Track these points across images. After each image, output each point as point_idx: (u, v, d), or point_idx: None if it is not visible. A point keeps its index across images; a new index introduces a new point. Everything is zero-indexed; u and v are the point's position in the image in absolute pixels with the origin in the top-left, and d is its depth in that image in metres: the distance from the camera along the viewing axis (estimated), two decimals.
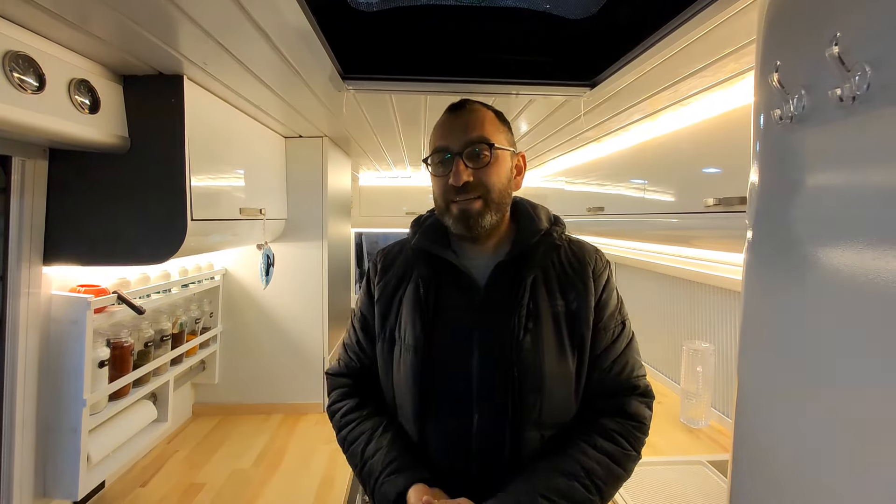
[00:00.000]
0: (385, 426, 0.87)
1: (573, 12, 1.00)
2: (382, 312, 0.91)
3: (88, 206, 1.05)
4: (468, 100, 0.89)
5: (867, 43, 0.44)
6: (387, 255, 0.97)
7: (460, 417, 0.81)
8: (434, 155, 0.86)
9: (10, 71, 0.75)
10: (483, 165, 0.82)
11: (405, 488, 0.77)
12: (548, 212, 0.93)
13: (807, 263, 0.51)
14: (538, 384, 0.79)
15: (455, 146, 0.82)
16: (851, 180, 0.47)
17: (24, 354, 1.02)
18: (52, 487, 1.09)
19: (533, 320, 0.81)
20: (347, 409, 0.91)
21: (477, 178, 0.82)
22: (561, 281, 0.86)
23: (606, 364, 0.85)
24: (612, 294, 0.88)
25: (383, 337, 0.90)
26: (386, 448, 0.83)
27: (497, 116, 0.88)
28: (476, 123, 0.84)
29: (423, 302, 0.85)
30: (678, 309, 2.05)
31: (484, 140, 0.82)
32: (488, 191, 0.82)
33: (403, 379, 0.84)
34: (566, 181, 2.42)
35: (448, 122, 0.86)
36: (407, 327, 0.86)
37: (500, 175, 0.84)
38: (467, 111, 0.86)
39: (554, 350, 0.81)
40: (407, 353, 0.84)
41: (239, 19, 0.79)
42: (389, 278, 0.93)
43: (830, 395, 0.47)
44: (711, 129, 1.23)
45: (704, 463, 1.44)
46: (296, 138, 1.87)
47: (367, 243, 5.46)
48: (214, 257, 1.83)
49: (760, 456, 0.58)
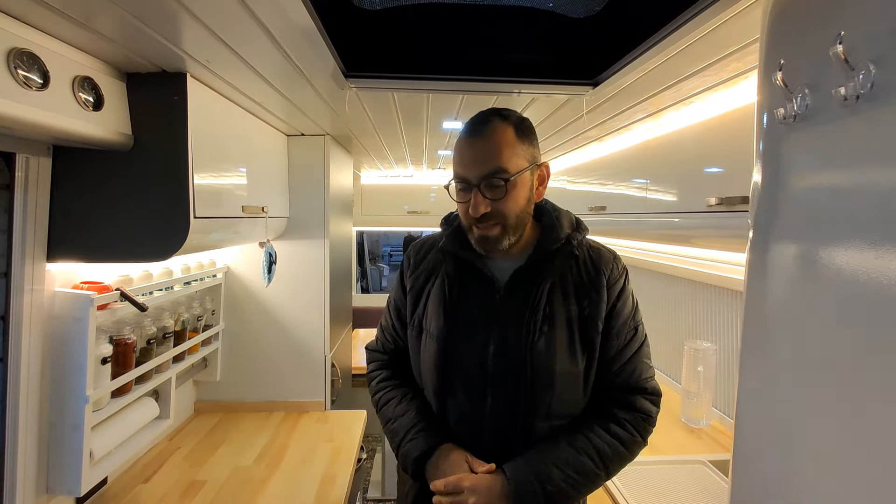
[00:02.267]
0: (413, 395, 0.99)
1: (576, 11, 1.00)
2: (413, 302, 1.00)
3: (91, 203, 1.06)
4: (487, 117, 0.88)
5: (871, 41, 0.44)
6: (419, 251, 1.05)
7: (475, 398, 0.90)
8: (454, 182, 0.90)
9: (14, 68, 0.75)
10: (500, 197, 0.85)
11: (427, 448, 0.89)
12: (570, 217, 0.98)
13: (809, 263, 0.51)
14: (549, 382, 0.87)
15: (473, 178, 0.85)
16: (854, 179, 0.47)
17: (27, 351, 1.03)
18: (54, 484, 1.09)
19: (548, 323, 0.88)
20: (383, 378, 1.05)
21: (495, 208, 0.86)
22: (577, 287, 0.91)
23: (616, 367, 0.91)
24: (627, 301, 0.94)
25: (413, 324, 0.99)
26: (413, 412, 0.95)
27: (516, 130, 0.87)
28: (493, 152, 0.85)
29: (447, 297, 0.93)
30: (680, 308, 2.04)
31: (500, 173, 0.84)
32: (506, 218, 0.87)
33: (427, 362, 0.95)
34: (568, 180, 2.42)
35: (466, 150, 0.88)
36: (432, 318, 0.94)
37: (518, 200, 0.88)
38: (485, 138, 0.86)
39: (565, 352, 0.88)
40: (431, 340, 0.94)
41: (243, 17, 0.79)
42: (420, 272, 1.01)
43: (832, 395, 0.48)
44: (714, 129, 1.23)
45: (705, 463, 1.44)
46: (298, 136, 1.87)
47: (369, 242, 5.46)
48: (217, 255, 1.83)
49: (761, 456, 0.58)
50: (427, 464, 0.89)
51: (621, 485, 1.33)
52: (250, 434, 1.70)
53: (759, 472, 0.58)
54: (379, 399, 1.02)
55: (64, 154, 1.04)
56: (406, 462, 0.91)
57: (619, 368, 0.91)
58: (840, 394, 0.46)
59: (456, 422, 0.92)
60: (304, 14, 0.78)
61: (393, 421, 0.96)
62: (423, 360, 0.96)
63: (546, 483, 0.82)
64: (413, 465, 0.90)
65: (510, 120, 0.88)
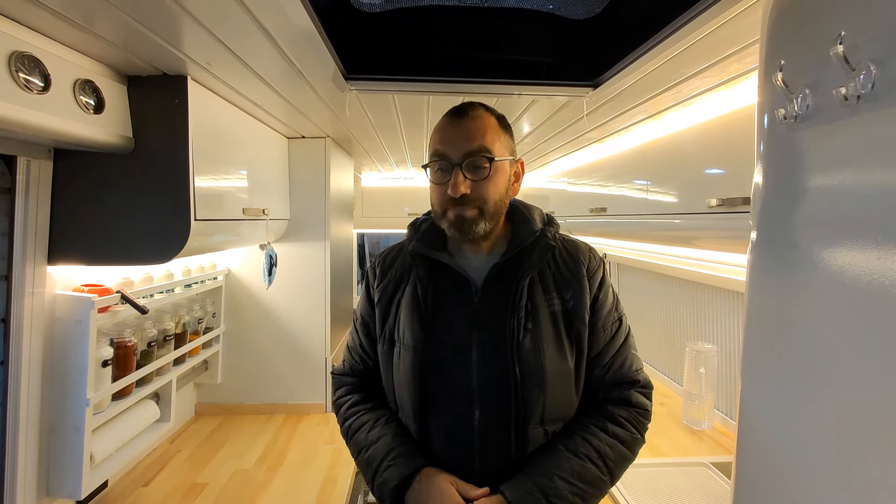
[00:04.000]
0: (388, 417, 0.89)
1: (576, 12, 1.00)
2: (382, 314, 0.92)
3: (93, 205, 1.06)
4: (471, 104, 0.87)
5: (872, 42, 0.44)
6: (385, 259, 0.98)
7: (461, 414, 0.82)
8: (433, 161, 0.85)
9: (15, 71, 0.76)
10: (482, 178, 0.82)
11: (407, 474, 0.79)
12: (541, 212, 0.94)
13: (811, 264, 0.51)
14: (540, 382, 0.81)
15: (455, 156, 0.81)
16: (856, 180, 0.46)
17: (28, 353, 1.03)
18: (55, 487, 1.09)
19: (532, 320, 0.83)
20: (352, 403, 0.94)
21: (475, 191, 0.81)
22: (557, 280, 0.87)
23: (606, 360, 0.87)
24: (608, 291, 0.90)
25: (384, 338, 0.91)
26: (389, 437, 0.85)
27: (499, 122, 0.87)
28: (477, 132, 0.82)
29: (420, 302, 0.86)
30: (681, 310, 2.04)
31: (484, 151, 0.81)
32: (485, 202, 0.82)
33: (403, 377, 0.86)
34: (568, 182, 2.42)
35: (449, 128, 0.84)
36: (406, 328, 0.87)
37: (499, 186, 0.84)
38: (469, 118, 0.84)
39: (553, 348, 0.83)
40: (406, 351, 0.86)
41: (243, 20, 0.79)
42: (388, 281, 0.94)
43: (835, 396, 0.47)
44: (714, 130, 1.22)
45: (707, 465, 1.43)
46: (299, 139, 1.88)
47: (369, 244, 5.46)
48: (217, 257, 1.83)
49: (764, 458, 0.58)
50: (407, 494, 0.78)
51: (623, 487, 1.32)
52: (251, 436, 1.70)
53: (761, 474, 0.58)
54: (349, 426, 0.90)
55: (65, 157, 1.04)
56: (383, 494, 0.80)
57: (609, 362, 0.86)
58: (843, 395, 0.46)
59: (442, 443, 0.83)
60: (305, 16, 0.79)
61: (366, 449, 0.85)
62: (397, 376, 0.87)
63: (552, 497, 0.75)
64: (391, 497, 0.79)
65: (493, 112, 0.87)
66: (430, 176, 0.86)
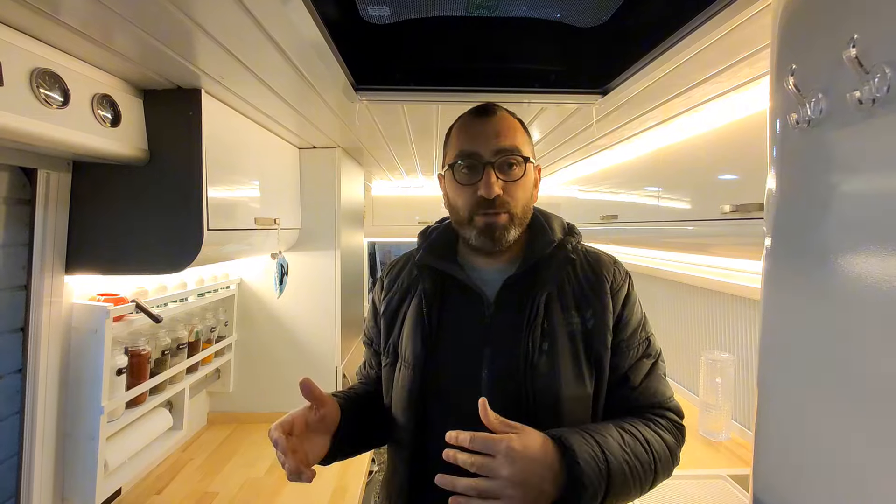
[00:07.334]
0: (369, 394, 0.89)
1: (584, 21, 1.00)
2: (387, 327, 0.87)
3: (109, 216, 1.08)
4: (495, 104, 0.82)
5: (886, 44, 0.43)
6: (391, 270, 0.94)
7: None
8: (460, 160, 0.77)
9: (37, 87, 0.78)
10: (515, 179, 0.77)
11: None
12: (562, 221, 0.88)
13: (827, 270, 0.50)
14: (554, 408, 0.73)
15: (486, 153, 0.76)
16: (871, 184, 0.45)
17: (45, 362, 1.05)
18: (70, 494, 1.11)
19: (548, 340, 0.75)
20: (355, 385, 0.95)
21: (507, 193, 0.76)
22: (577, 296, 0.80)
23: (632, 386, 0.79)
24: (635, 309, 0.82)
25: (387, 352, 0.86)
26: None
27: (521, 124, 0.82)
28: (508, 131, 0.77)
29: (424, 317, 0.80)
30: (695, 318, 2.00)
31: (517, 151, 0.76)
32: (515, 206, 0.77)
33: (399, 397, 0.80)
34: (579, 189, 2.41)
35: (476, 126, 0.79)
36: (408, 344, 0.81)
37: (527, 190, 0.80)
38: (498, 116, 0.79)
39: (571, 372, 0.75)
40: (406, 370, 0.80)
41: (255, 34, 0.81)
42: (394, 293, 0.89)
43: (856, 407, 0.46)
44: (727, 135, 1.21)
45: (725, 477, 1.39)
46: (310, 149, 1.90)
47: (380, 253, 5.48)
48: (229, 267, 1.86)
49: (783, 471, 0.56)
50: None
51: (639, 501, 1.29)
52: (262, 445, 1.70)
53: (780, 487, 0.56)
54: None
55: (83, 169, 1.07)
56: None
57: (636, 388, 0.78)
58: (865, 406, 0.45)
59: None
60: (315, 30, 0.80)
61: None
62: (395, 394, 0.81)
63: (610, 456, 0.65)
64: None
65: (514, 114, 0.83)
66: (457, 176, 0.79)
